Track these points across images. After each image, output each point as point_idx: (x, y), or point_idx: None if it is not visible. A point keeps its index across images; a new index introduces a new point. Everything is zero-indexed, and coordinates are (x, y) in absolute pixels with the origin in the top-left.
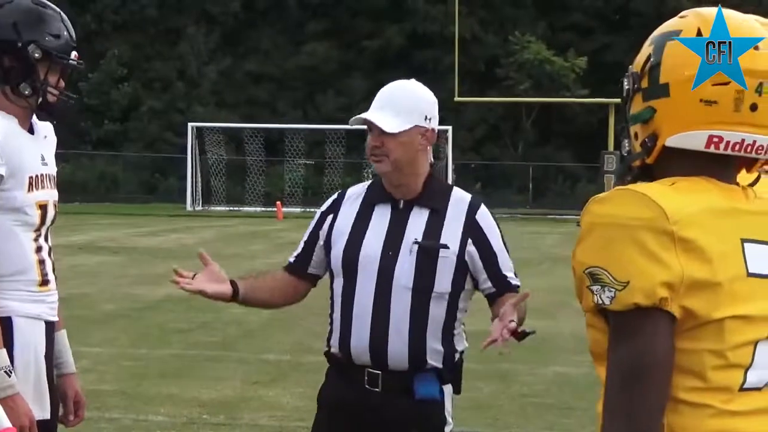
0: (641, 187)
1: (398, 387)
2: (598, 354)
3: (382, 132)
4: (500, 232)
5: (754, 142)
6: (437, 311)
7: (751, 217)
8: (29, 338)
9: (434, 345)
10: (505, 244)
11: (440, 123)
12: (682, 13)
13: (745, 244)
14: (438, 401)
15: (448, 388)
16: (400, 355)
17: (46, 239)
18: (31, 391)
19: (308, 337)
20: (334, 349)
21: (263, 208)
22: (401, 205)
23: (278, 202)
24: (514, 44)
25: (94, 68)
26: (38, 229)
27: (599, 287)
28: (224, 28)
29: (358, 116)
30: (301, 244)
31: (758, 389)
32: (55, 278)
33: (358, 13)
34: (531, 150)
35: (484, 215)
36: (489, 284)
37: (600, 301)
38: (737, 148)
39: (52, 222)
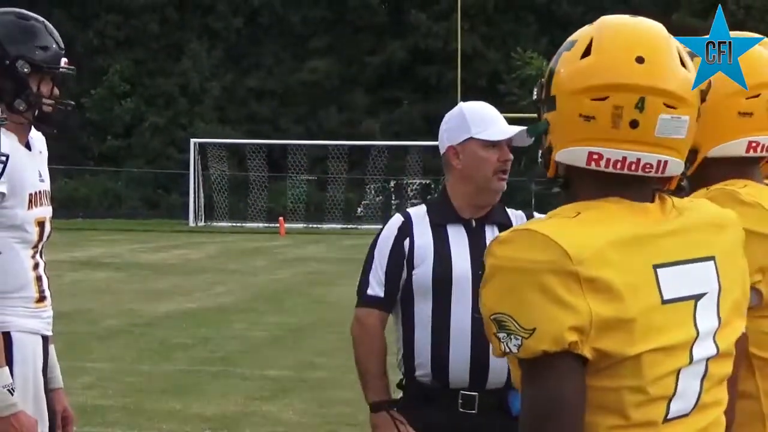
0: (542, 225)
1: (494, 405)
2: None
3: (510, 147)
4: None
5: (638, 160)
6: None
7: (664, 239)
8: (28, 352)
9: None
10: None
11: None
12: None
13: (658, 270)
14: None
15: None
16: (501, 372)
17: (41, 255)
18: (30, 405)
19: (310, 353)
20: (421, 375)
21: (266, 224)
22: (474, 224)
23: (281, 218)
24: (517, 60)
25: (97, 84)
26: (36, 246)
27: (505, 335)
28: (227, 44)
29: (508, 129)
30: (383, 277)
31: (685, 415)
32: (50, 294)
33: (361, 29)
34: (533, 165)
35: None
36: None
37: (507, 350)
38: (619, 165)
39: (48, 238)
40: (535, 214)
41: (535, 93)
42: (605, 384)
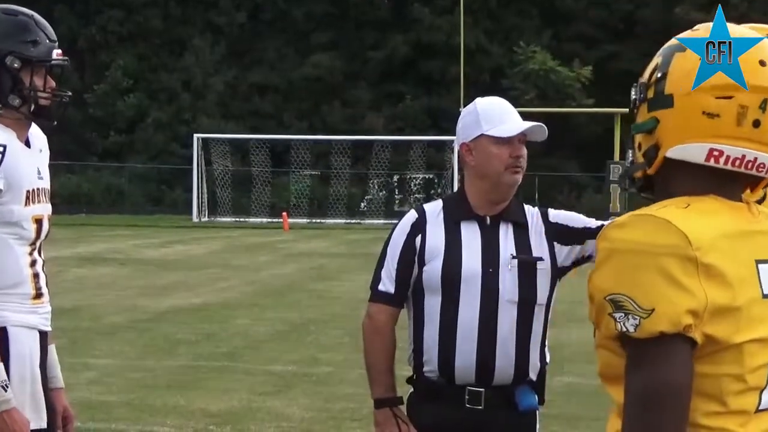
0: (660, 211)
1: (501, 402)
2: (611, 376)
3: (521, 142)
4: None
5: (755, 159)
6: (537, 323)
7: (762, 237)
8: (24, 347)
9: (534, 356)
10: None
11: (446, 133)
12: (696, 27)
13: (759, 266)
14: (535, 411)
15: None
16: (507, 370)
17: (39, 253)
18: (28, 400)
19: (314, 349)
20: (429, 371)
21: (269, 219)
22: (488, 222)
23: (284, 213)
24: (520, 54)
25: (100, 80)
26: (33, 243)
27: (622, 314)
28: (229, 39)
29: (519, 124)
30: (394, 273)
31: None
32: (48, 291)
33: (364, 23)
34: (537, 160)
35: (554, 213)
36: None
37: (624, 329)
38: (737, 163)
39: (46, 236)
40: (550, 211)
41: (633, 93)
42: (707, 370)
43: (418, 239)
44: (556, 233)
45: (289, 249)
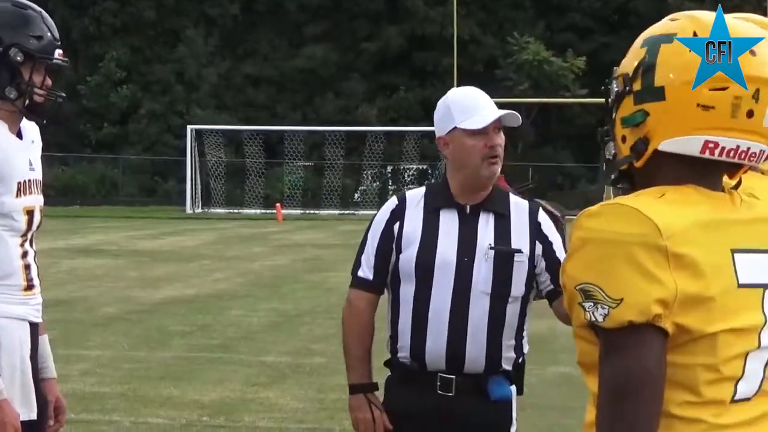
0: (632, 200)
1: (472, 390)
2: (588, 364)
3: (499, 130)
4: (562, 235)
5: (748, 149)
6: (512, 315)
7: (739, 226)
8: (15, 339)
9: (508, 348)
10: (564, 246)
11: None
12: (673, 16)
13: (735, 255)
14: (509, 401)
15: (513, 389)
16: (477, 360)
17: (31, 244)
18: (18, 392)
19: (308, 340)
20: (403, 356)
21: (263, 210)
22: (468, 210)
23: (278, 204)
24: (513, 45)
25: (93, 71)
26: (24, 235)
27: (592, 304)
28: (223, 31)
29: (490, 115)
30: (372, 260)
31: (747, 399)
32: (39, 282)
33: (357, 15)
34: (531, 151)
35: (545, 219)
36: (550, 283)
37: (593, 318)
38: (731, 154)
39: (38, 227)
40: (541, 212)
41: (615, 85)
42: (680, 360)
43: (397, 226)
44: (538, 235)
45: (283, 240)
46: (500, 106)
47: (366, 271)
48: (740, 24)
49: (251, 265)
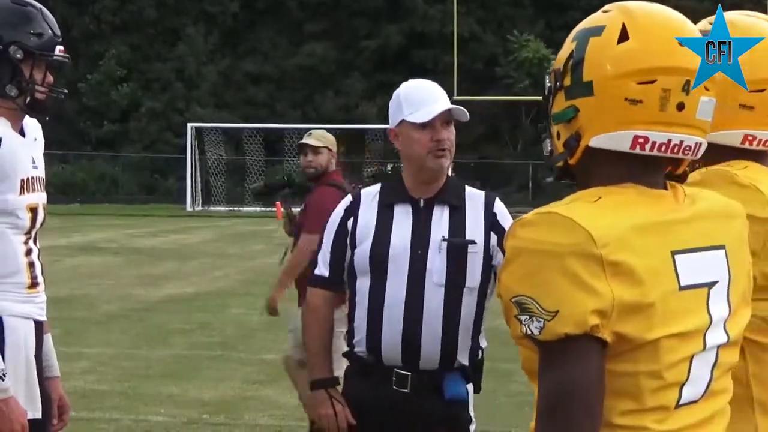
0: (565, 208)
1: (427, 387)
2: (530, 370)
3: (448, 124)
4: None
5: (681, 142)
6: (468, 307)
7: (680, 226)
8: (20, 337)
9: (464, 342)
10: None
11: None
12: (606, 8)
13: (676, 257)
14: (465, 401)
15: (470, 387)
16: (433, 352)
17: (35, 242)
18: (22, 390)
19: None
20: (360, 350)
21: (263, 208)
22: (422, 204)
23: (277, 202)
24: (513, 43)
25: (93, 69)
26: (28, 232)
27: (527, 317)
28: (223, 29)
29: (436, 108)
30: (328, 257)
31: (695, 402)
32: (44, 280)
33: (357, 13)
34: (530, 148)
35: (501, 209)
36: None
37: (528, 332)
38: (663, 148)
39: (41, 225)
40: (497, 202)
41: (548, 81)
42: (622, 368)
43: (350, 222)
44: (493, 226)
45: (283, 238)
46: (500, 103)
47: (322, 269)
48: (671, 15)
49: (251, 262)
